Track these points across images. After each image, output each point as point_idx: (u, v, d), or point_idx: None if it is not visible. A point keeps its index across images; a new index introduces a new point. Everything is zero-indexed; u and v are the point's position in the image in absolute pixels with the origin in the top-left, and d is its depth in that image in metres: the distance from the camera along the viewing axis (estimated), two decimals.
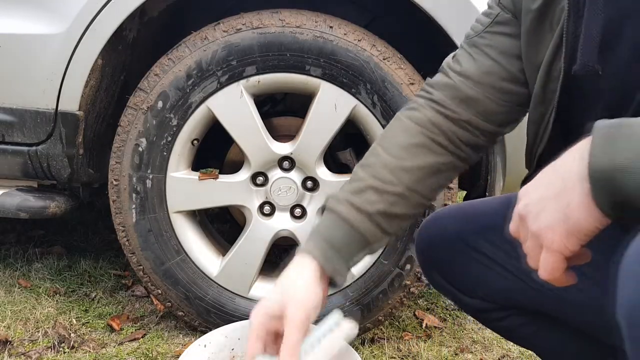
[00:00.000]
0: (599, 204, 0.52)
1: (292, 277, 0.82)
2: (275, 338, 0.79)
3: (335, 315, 0.80)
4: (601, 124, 0.52)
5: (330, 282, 0.83)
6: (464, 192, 1.56)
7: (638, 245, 0.49)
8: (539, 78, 0.76)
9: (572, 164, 0.55)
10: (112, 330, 1.43)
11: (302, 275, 0.82)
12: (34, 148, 1.32)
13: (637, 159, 0.49)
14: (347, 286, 1.35)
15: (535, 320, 0.90)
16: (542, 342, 0.93)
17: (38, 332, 1.39)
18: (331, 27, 1.22)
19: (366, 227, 0.80)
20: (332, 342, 0.79)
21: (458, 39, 1.20)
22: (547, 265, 0.58)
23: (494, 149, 1.27)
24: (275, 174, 1.31)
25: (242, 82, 1.23)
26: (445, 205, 1.26)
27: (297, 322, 0.77)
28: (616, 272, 0.50)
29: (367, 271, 1.34)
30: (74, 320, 1.46)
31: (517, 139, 1.22)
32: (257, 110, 1.27)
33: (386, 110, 1.24)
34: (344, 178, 1.33)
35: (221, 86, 1.24)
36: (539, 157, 0.79)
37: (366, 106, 1.24)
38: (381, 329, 1.49)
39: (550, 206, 0.56)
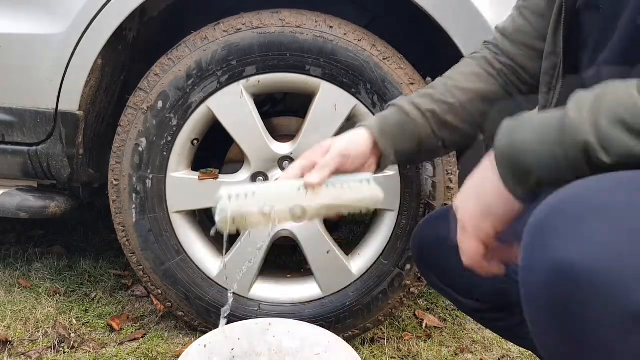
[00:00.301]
0: (507, 184, 0.60)
1: (345, 136, 0.90)
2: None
3: (368, 175, 0.87)
4: (507, 121, 0.61)
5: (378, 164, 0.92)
6: None
7: (534, 215, 0.52)
8: (551, 23, 0.79)
9: (486, 160, 0.64)
10: (112, 330, 1.43)
11: (354, 136, 0.90)
12: (34, 148, 1.32)
13: (531, 138, 0.57)
14: (347, 286, 1.35)
15: None
16: None
17: (38, 332, 1.39)
18: (331, 27, 1.22)
19: (418, 119, 0.91)
20: (357, 188, 0.85)
21: (458, 38, 1.20)
22: (466, 249, 0.65)
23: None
24: (276, 173, 1.31)
25: (242, 82, 1.23)
26: (445, 205, 1.26)
27: (336, 151, 0.85)
28: None
29: (367, 271, 1.34)
30: (74, 320, 1.46)
31: None
32: (257, 110, 1.27)
33: None
34: None
35: (221, 86, 1.24)
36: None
37: (366, 106, 1.24)
38: (381, 329, 1.49)
39: (472, 197, 0.64)
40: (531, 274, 0.51)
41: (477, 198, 0.63)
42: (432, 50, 1.36)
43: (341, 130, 1.27)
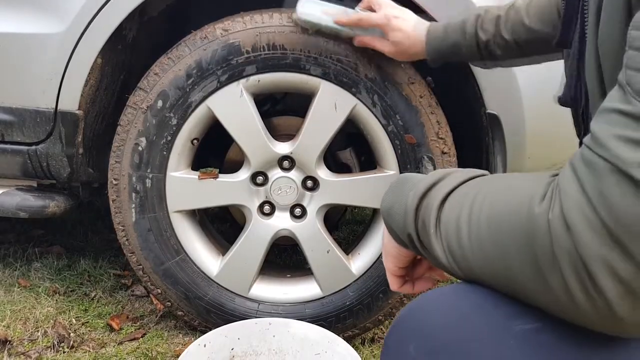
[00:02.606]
0: (391, 234, 0.71)
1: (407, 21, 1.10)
2: None
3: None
4: (394, 182, 0.73)
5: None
6: None
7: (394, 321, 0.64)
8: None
9: None
10: (112, 329, 1.43)
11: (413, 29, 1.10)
12: (33, 147, 1.32)
13: (393, 204, 0.68)
14: (347, 286, 1.35)
15: None
16: None
17: (37, 331, 1.39)
18: None
19: (472, 47, 1.04)
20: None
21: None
22: (389, 280, 0.78)
23: (494, 149, 1.27)
24: (275, 173, 1.31)
25: (242, 81, 1.23)
26: None
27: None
28: None
29: (367, 271, 1.34)
30: (74, 320, 1.45)
31: (516, 138, 1.22)
32: (257, 110, 1.27)
33: (386, 110, 1.24)
34: (344, 178, 1.33)
35: (221, 85, 1.23)
36: (582, 117, 0.78)
37: (366, 106, 1.24)
38: (381, 329, 1.49)
39: (382, 246, 0.77)
40: None
41: (383, 244, 0.76)
42: None
43: (341, 130, 1.28)
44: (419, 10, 1.18)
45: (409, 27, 1.09)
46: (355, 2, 1.17)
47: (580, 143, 0.78)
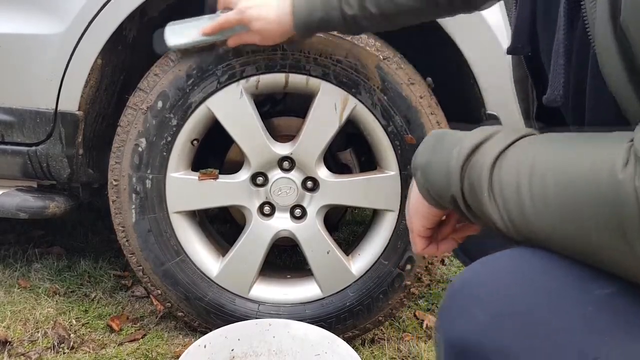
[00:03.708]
0: (422, 193, 0.69)
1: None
2: None
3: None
4: (429, 138, 0.70)
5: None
6: None
7: (450, 286, 0.61)
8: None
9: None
10: (112, 330, 1.43)
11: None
12: (33, 148, 1.32)
13: (429, 161, 0.66)
14: (347, 287, 1.35)
15: None
16: None
17: (38, 332, 1.38)
18: None
19: (338, 19, 1.04)
20: None
21: (458, 38, 1.19)
22: (411, 242, 0.76)
23: None
24: (275, 174, 1.31)
25: (242, 82, 1.23)
26: None
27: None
28: None
29: (367, 271, 1.34)
30: (74, 321, 1.45)
31: None
32: (257, 110, 1.26)
33: (386, 110, 1.24)
34: (344, 178, 1.33)
35: (221, 86, 1.23)
36: (536, 119, 0.80)
37: (366, 106, 1.24)
38: (381, 330, 1.49)
39: (409, 204, 0.75)
40: (440, 340, 0.59)
41: (409, 204, 0.74)
42: (432, 50, 1.35)
43: (341, 130, 1.28)
44: None
45: (267, 13, 1.07)
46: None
47: (527, 121, 0.79)
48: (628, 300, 0.52)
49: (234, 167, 1.36)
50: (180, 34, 1.17)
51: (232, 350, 1.15)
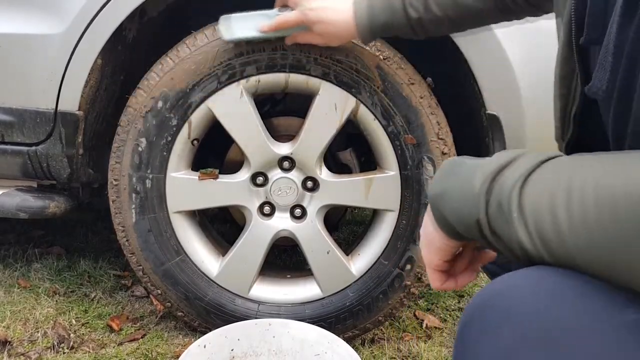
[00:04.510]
0: (438, 225, 0.66)
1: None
2: None
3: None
4: (444, 166, 0.67)
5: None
6: None
7: (470, 304, 0.58)
8: (563, 34, 0.75)
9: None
10: (112, 330, 1.43)
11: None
12: (33, 148, 1.32)
13: (446, 189, 0.63)
14: (347, 286, 1.35)
15: None
16: None
17: (37, 332, 1.38)
18: None
19: (402, 21, 1.03)
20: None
21: (458, 38, 1.19)
22: (429, 277, 0.73)
23: (494, 150, 1.27)
24: (275, 174, 1.31)
25: (242, 82, 1.23)
26: None
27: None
28: None
29: (367, 271, 1.34)
30: (74, 321, 1.45)
31: (516, 139, 1.22)
32: (257, 110, 1.26)
33: (386, 110, 1.24)
34: (344, 178, 1.33)
35: (221, 86, 1.23)
36: (574, 118, 0.76)
37: (366, 106, 1.24)
38: (381, 330, 1.49)
39: (422, 237, 0.71)
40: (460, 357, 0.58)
41: (424, 237, 0.71)
42: (431, 50, 1.35)
43: (341, 130, 1.28)
44: None
45: (330, 16, 1.07)
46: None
47: (567, 147, 0.77)
48: None
49: (234, 167, 1.36)
50: (237, 27, 1.15)
51: (232, 350, 1.15)
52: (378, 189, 1.29)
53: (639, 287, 0.50)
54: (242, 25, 1.15)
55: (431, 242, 0.69)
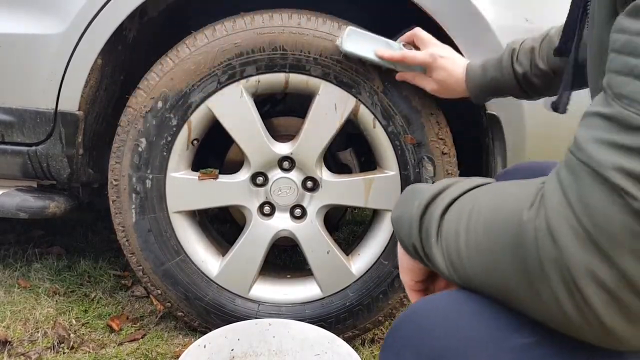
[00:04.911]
0: (402, 246, 0.69)
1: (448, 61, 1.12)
2: None
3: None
4: (405, 192, 0.71)
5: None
6: None
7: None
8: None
9: None
10: (112, 330, 1.43)
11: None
12: (33, 148, 1.32)
13: (401, 214, 0.67)
14: (347, 286, 1.35)
15: None
16: None
17: (37, 332, 1.38)
18: (332, 26, 1.22)
19: (510, 80, 1.06)
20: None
21: (458, 38, 1.19)
22: (409, 296, 0.76)
23: (494, 150, 1.27)
24: (275, 174, 1.31)
25: (242, 82, 1.23)
26: None
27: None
28: None
29: (367, 271, 1.34)
30: (74, 321, 1.45)
31: (516, 139, 1.22)
32: (257, 110, 1.26)
33: (386, 110, 1.24)
34: (344, 178, 1.33)
35: (221, 86, 1.23)
36: None
37: (366, 106, 1.24)
38: (381, 330, 1.49)
39: (398, 259, 0.75)
40: None
41: (398, 258, 0.75)
42: None
43: (341, 130, 1.28)
44: (420, 12, 1.19)
45: (452, 66, 1.09)
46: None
47: None
48: (546, 351, 0.51)
49: (234, 167, 1.36)
50: (357, 42, 1.16)
51: (232, 350, 1.15)
52: (378, 189, 1.29)
53: (521, 311, 0.52)
54: (362, 43, 1.16)
55: (401, 263, 0.73)
